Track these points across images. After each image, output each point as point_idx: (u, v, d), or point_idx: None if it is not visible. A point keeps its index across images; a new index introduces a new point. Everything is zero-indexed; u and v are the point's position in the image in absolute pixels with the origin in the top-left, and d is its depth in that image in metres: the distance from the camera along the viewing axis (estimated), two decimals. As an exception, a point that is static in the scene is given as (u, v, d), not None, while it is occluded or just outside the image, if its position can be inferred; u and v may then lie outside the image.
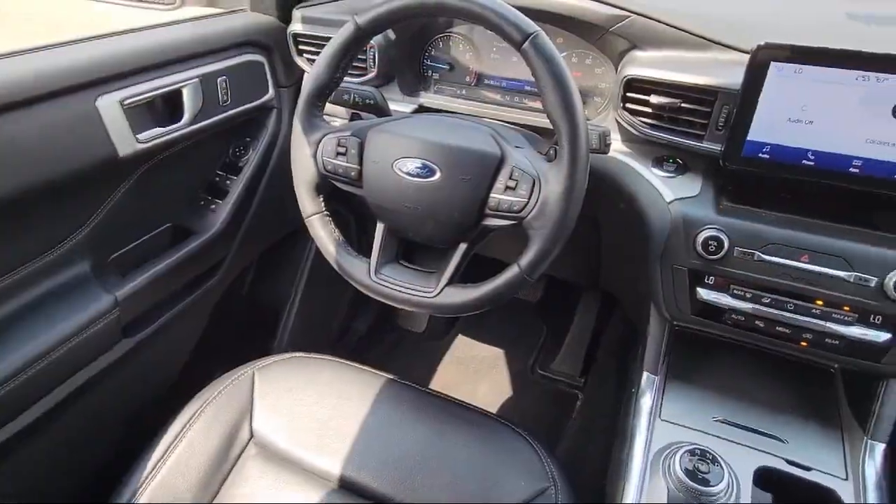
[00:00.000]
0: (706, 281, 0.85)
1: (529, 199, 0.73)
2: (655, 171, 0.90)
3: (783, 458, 0.83)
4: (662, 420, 0.90)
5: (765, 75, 0.74)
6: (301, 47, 1.13)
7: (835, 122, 0.74)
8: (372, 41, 1.01)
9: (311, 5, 1.12)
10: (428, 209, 0.78)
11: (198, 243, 1.10)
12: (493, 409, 1.59)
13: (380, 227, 0.86)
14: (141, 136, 0.91)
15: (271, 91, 1.15)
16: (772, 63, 0.74)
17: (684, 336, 1.00)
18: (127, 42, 0.92)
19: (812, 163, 0.77)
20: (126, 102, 0.88)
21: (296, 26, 1.11)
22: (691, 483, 0.75)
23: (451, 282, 0.81)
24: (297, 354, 1.04)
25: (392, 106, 0.94)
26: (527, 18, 0.70)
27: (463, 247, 0.81)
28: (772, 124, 0.77)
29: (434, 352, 1.75)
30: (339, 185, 0.85)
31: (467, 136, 0.79)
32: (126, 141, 0.89)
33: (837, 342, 0.80)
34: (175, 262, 1.06)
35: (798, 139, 0.77)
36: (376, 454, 0.88)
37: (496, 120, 1.02)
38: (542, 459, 0.87)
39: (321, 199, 0.87)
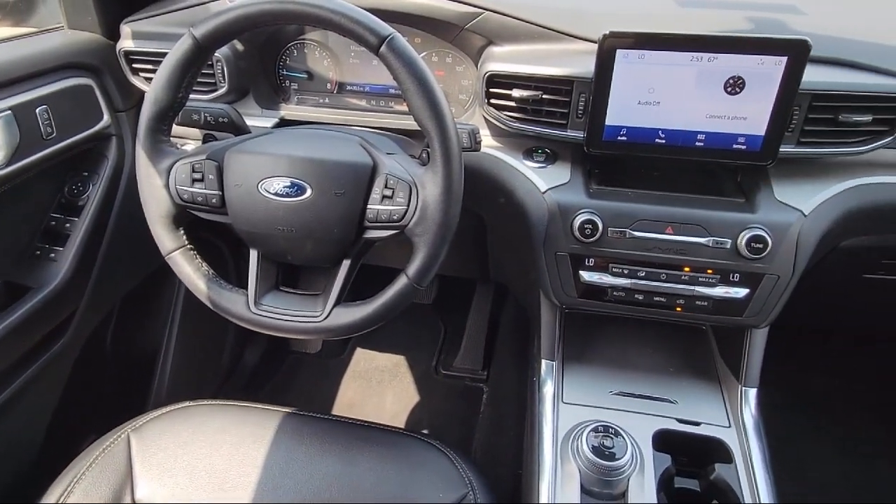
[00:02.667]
0: (587, 263, 0.88)
1: (408, 206, 0.72)
2: (527, 162, 0.92)
3: (675, 419, 0.89)
4: (565, 403, 0.93)
5: (613, 62, 0.78)
6: (135, 66, 1.01)
7: (678, 102, 0.80)
8: (217, 54, 0.94)
9: (140, 19, 1.00)
10: (303, 230, 0.74)
11: (38, 300, 0.95)
12: (403, 419, 1.56)
13: (253, 254, 0.80)
14: (-59, 186, 0.77)
15: (106, 117, 1.02)
16: (618, 50, 0.78)
17: (574, 318, 1.03)
18: None
19: (664, 140, 0.83)
20: (-86, 147, 0.74)
21: (126, 43, 1.00)
22: (599, 460, 0.77)
23: (339, 302, 0.77)
24: (179, 405, 0.94)
25: (250, 122, 0.88)
26: (380, 21, 0.67)
27: (347, 263, 0.78)
28: (625, 108, 0.82)
29: (334, 371, 1.68)
30: (199, 214, 0.78)
31: (335, 147, 0.75)
32: (-79, 193, 0.75)
33: (706, 303, 0.87)
34: (11, 325, 0.91)
35: (649, 119, 0.82)
36: (284, 497, 0.82)
37: (364, 127, 0.99)
38: (457, 466, 0.86)
39: (181, 231, 0.79)
